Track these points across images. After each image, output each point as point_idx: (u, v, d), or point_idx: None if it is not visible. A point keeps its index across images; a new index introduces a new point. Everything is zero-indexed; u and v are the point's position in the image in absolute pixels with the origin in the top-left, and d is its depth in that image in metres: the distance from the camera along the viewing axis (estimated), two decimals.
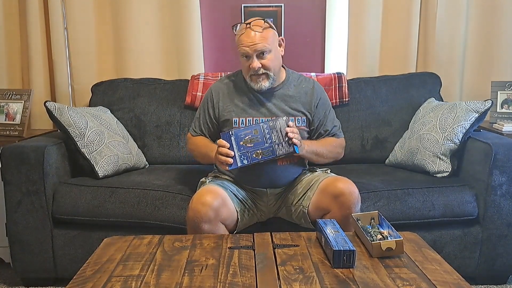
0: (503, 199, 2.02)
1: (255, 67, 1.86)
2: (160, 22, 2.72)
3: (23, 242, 2.08)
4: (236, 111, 1.95)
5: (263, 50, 1.86)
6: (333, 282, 1.24)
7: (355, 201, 1.74)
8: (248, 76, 1.91)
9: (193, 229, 1.71)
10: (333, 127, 2.03)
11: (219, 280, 1.25)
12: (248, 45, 1.85)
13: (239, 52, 1.90)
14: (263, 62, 1.87)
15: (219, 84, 2.05)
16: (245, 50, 1.86)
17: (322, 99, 2.02)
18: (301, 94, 1.99)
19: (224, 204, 1.77)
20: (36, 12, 2.64)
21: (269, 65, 1.89)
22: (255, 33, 1.85)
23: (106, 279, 1.27)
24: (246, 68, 1.90)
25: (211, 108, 2.00)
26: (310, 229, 1.83)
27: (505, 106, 2.59)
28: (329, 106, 2.06)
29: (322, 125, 2.00)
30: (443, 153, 2.17)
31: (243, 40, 1.87)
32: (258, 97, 1.96)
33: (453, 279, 1.26)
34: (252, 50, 1.85)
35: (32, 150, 2.03)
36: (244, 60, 1.90)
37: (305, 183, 1.92)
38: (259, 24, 1.88)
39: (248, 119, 1.93)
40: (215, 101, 1.99)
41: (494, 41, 2.71)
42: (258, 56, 1.86)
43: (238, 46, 1.90)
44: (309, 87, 2.01)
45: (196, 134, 2.04)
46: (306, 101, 1.98)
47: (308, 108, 1.98)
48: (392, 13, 2.71)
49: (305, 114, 1.97)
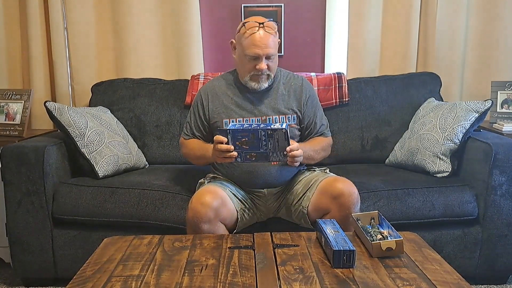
0: (503, 199, 2.02)
1: (263, 68, 1.84)
2: (160, 22, 2.72)
3: (23, 242, 2.08)
4: (226, 112, 1.94)
5: (273, 54, 1.85)
6: (333, 282, 1.24)
7: (354, 201, 1.74)
8: (248, 75, 1.90)
9: (193, 229, 1.71)
10: (321, 126, 2.03)
11: (219, 280, 1.25)
12: (261, 47, 1.82)
13: (245, 51, 1.85)
14: (269, 64, 1.86)
15: (208, 86, 2.03)
16: (256, 52, 1.82)
17: (311, 97, 2.01)
18: (291, 92, 1.98)
19: (223, 204, 1.77)
20: (36, 12, 2.64)
21: (273, 67, 1.89)
22: (269, 35, 1.83)
23: (106, 279, 1.27)
24: (249, 68, 1.87)
25: (201, 110, 1.99)
26: (310, 229, 1.83)
27: (505, 106, 2.59)
28: (317, 103, 2.06)
29: (312, 123, 2.00)
30: (443, 153, 2.17)
31: (256, 41, 1.82)
32: (248, 97, 1.95)
33: (453, 279, 1.26)
34: (264, 52, 1.82)
35: (32, 150, 2.03)
36: (249, 60, 1.86)
37: (304, 183, 1.92)
38: (271, 27, 1.85)
39: (238, 120, 1.92)
40: (205, 103, 1.98)
41: (494, 41, 2.71)
42: (265, 58, 1.85)
43: (248, 45, 1.84)
44: (298, 84, 2.00)
45: (188, 137, 2.02)
46: (296, 99, 1.98)
47: (298, 105, 1.98)
48: (392, 13, 2.71)
49: (295, 112, 1.97)
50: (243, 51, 1.86)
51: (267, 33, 1.83)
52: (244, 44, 1.86)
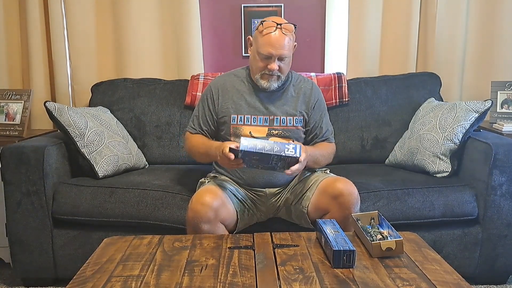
0: (503, 199, 2.02)
1: (274, 69, 1.83)
2: (160, 22, 2.72)
3: (23, 242, 2.07)
4: (235, 108, 1.94)
5: (286, 56, 1.84)
6: (333, 282, 1.24)
7: (354, 201, 1.74)
8: (259, 73, 1.88)
9: (193, 229, 1.71)
10: (326, 131, 2.02)
11: (219, 280, 1.25)
12: (276, 47, 1.80)
13: (259, 49, 1.84)
14: (281, 66, 1.85)
15: (219, 81, 2.02)
16: (270, 51, 1.81)
17: (319, 101, 2.01)
18: (300, 94, 1.98)
19: (223, 204, 1.77)
20: (36, 12, 2.64)
21: (285, 69, 1.88)
22: (284, 36, 1.82)
23: (106, 279, 1.27)
24: (261, 66, 1.86)
25: (211, 104, 1.98)
26: (310, 229, 1.83)
27: (505, 106, 2.59)
28: (325, 108, 2.05)
29: (317, 127, 2.00)
30: (443, 153, 2.17)
31: (272, 41, 1.81)
32: (259, 95, 1.95)
33: (453, 279, 1.26)
34: (278, 53, 1.81)
35: (32, 150, 2.03)
36: (261, 58, 1.84)
37: (304, 183, 1.92)
38: (289, 29, 1.84)
39: (246, 117, 1.92)
40: (215, 97, 1.98)
41: (494, 41, 2.71)
42: (278, 58, 1.83)
43: (263, 44, 1.82)
44: (307, 87, 2.01)
45: (195, 131, 1.99)
46: (304, 102, 1.98)
47: (306, 108, 1.98)
48: (392, 13, 2.71)
49: (302, 114, 1.97)
50: (258, 49, 1.85)
51: (283, 35, 1.82)
52: (259, 42, 1.85)
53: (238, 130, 1.92)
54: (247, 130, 1.92)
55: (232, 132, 1.93)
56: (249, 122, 1.93)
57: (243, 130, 1.92)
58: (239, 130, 1.92)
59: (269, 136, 1.92)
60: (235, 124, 1.93)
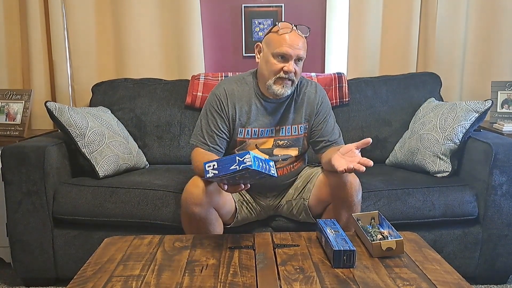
0: (503, 199, 2.02)
1: (291, 70, 1.76)
2: (160, 22, 2.73)
3: (24, 242, 2.08)
4: (242, 122, 1.86)
5: (302, 57, 1.80)
6: (333, 282, 1.24)
7: (356, 188, 1.73)
8: (273, 77, 1.79)
9: (184, 213, 1.69)
10: (334, 134, 1.94)
11: (220, 280, 1.25)
12: (293, 46, 1.76)
13: (275, 50, 1.77)
14: (296, 69, 1.79)
15: (227, 89, 1.88)
16: (287, 50, 1.75)
17: (324, 103, 1.95)
18: (304, 99, 1.92)
19: (219, 190, 1.67)
20: (36, 12, 2.64)
21: (299, 73, 1.83)
22: (300, 37, 1.79)
23: (107, 279, 1.27)
24: (276, 69, 1.77)
25: (224, 115, 1.85)
26: (310, 227, 1.82)
27: (505, 106, 2.59)
28: (329, 109, 1.98)
29: (321, 129, 1.92)
30: (443, 153, 2.17)
31: (288, 40, 1.75)
32: (265, 106, 1.88)
33: (453, 279, 1.26)
34: (294, 53, 1.76)
35: (32, 150, 2.03)
36: (277, 60, 1.77)
37: (305, 177, 1.93)
38: (304, 32, 1.82)
39: (254, 130, 1.87)
40: (224, 105, 1.86)
41: (494, 41, 2.71)
42: (294, 60, 1.79)
43: (279, 44, 1.76)
44: (311, 91, 1.94)
45: (205, 147, 1.84)
46: (309, 106, 1.92)
47: (310, 112, 1.92)
48: (392, 13, 2.71)
49: (307, 120, 1.93)
50: (273, 50, 1.77)
51: (300, 36, 1.79)
52: (274, 42, 1.78)
53: (245, 144, 1.88)
54: (253, 144, 1.88)
55: (238, 145, 1.89)
56: (256, 135, 1.88)
57: (250, 145, 1.88)
58: (246, 144, 1.88)
59: (275, 147, 1.89)
60: (241, 138, 1.88)
